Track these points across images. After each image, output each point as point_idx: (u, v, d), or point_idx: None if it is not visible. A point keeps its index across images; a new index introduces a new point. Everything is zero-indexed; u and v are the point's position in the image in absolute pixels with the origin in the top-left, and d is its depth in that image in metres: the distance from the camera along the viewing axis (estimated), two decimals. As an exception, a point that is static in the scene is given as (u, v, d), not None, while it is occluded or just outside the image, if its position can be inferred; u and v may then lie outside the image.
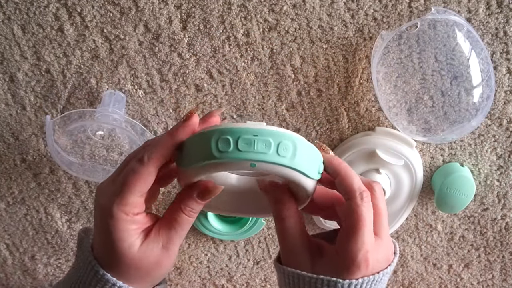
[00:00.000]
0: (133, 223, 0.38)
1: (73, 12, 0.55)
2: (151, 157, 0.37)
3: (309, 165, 0.38)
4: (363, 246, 0.38)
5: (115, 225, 0.37)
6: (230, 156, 0.35)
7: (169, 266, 0.40)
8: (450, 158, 0.63)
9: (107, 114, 0.56)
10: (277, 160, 0.35)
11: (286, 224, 0.40)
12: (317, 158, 0.39)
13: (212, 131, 0.36)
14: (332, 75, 0.59)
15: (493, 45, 0.57)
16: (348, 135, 0.62)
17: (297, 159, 0.36)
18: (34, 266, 0.72)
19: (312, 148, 0.38)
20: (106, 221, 0.37)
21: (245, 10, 0.55)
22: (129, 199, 0.37)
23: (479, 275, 0.71)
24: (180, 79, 0.59)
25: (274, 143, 0.35)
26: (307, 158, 0.37)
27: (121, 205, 0.37)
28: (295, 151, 0.36)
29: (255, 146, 0.35)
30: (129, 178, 0.37)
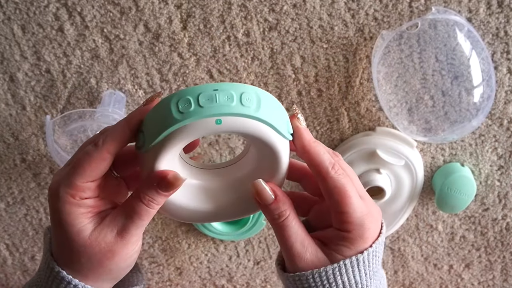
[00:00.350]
0: (81, 206, 0.36)
1: (73, 12, 0.55)
2: (106, 140, 0.35)
3: (277, 120, 0.35)
4: (361, 215, 0.37)
5: (62, 208, 0.35)
6: (193, 115, 0.33)
7: (126, 258, 0.37)
8: (450, 158, 0.63)
9: (107, 114, 0.56)
10: (242, 110, 0.33)
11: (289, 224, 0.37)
12: (284, 116, 0.36)
13: (170, 96, 0.34)
14: (333, 75, 0.59)
15: (493, 45, 0.57)
16: (348, 135, 0.62)
17: (263, 110, 0.34)
18: (34, 266, 0.72)
19: (277, 103, 0.36)
20: (54, 205, 0.36)
21: (245, 10, 0.55)
22: (77, 182, 0.35)
23: (480, 276, 0.71)
24: (180, 79, 0.59)
25: (236, 94, 0.33)
26: (274, 112, 0.35)
27: (67, 187, 0.35)
28: (260, 102, 0.34)
29: (217, 100, 0.33)
30: (79, 161, 0.35)
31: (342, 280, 0.37)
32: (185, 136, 0.34)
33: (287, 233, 0.37)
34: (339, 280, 0.37)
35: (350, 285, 0.38)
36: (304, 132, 0.37)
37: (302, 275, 0.38)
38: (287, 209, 0.37)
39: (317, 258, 0.38)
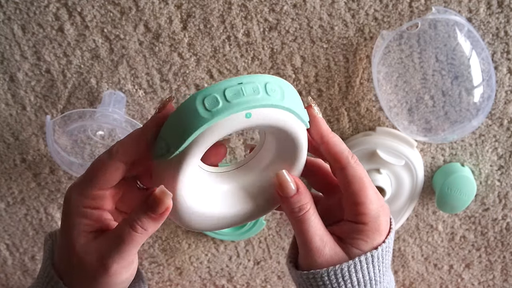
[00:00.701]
0: (85, 216, 0.34)
1: (73, 12, 0.55)
2: (119, 149, 0.34)
3: (299, 108, 0.35)
4: (377, 206, 0.36)
5: (68, 214, 0.34)
6: (222, 112, 0.31)
7: (112, 285, 0.35)
8: (451, 158, 0.63)
9: (107, 114, 0.56)
10: (270, 101, 0.32)
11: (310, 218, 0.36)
12: (302, 105, 0.36)
13: (193, 96, 0.32)
14: (333, 75, 0.59)
15: (493, 45, 0.56)
16: (348, 135, 0.62)
17: (287, 99, 0.33)
18: (34, 266, 0.72)
19: (296, 92, 0.35)
20: (64, 210, 0.35)
21: (246, 9, 0.55)
22: (88, 190, 0.34)
23: (480, 276, 0.71)
24: (180, 79, 0.59)
25: (261, 85, 0.33)
26: (296, 100, 0.35)
27: (78, 194, 0.34)
28: (283, 92, 0.33)
29: (244, 93, 0.32)
30: (93, 169, 0.34)
31: (357, 277, 0.37)
32: (215, 135, 0.32)
33: (306, 227, 0.36)
34: (354, 277, 0.37)
35: (365, 281, 0.37)
36: (322, 121, 0.37)
37: (317, 273, 0.37)
38: (308, 202, 0.37)
39: (335, 253, 0.37)
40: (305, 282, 0.38)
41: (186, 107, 0.32)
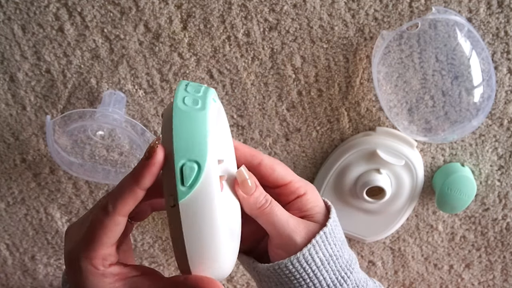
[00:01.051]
0: (106, 276, 0.33)
1: (73, 12, 0.55)
2: (115, 205, 0.32)
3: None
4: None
5: (86, 280, 0.33)
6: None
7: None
8: (451, 158, 0.63)
9: (107, 114, 0.56)
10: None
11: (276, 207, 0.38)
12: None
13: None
14: (333, 75, 0.59)
15: (494, 45, 0.56)
16: (348, 135, 0.62)
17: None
18: (34, 266, 0.72)
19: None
20: (76, 277, 0.33)
21: (246, 9, 0.55)
22: (97, 251, 0.33)
23: (480, 276, 0.71)
24: (180, 79, 0.59)
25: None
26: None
27: (88, 259, 0.33)
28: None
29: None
30: (94, 230, 0.33)
31: (319, 256, 0.39)
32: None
33: (277, 215, 0.37)
34: (317, 258, 0.38)
35: (326, 259, 0.39)
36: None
37: (281, 263, 0.38)
38: (267, 194, 0.38)
39: (308, 226, 0.39)
40: (273, 274, 0.39)
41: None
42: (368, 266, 0.71)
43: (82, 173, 0.62)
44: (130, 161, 0.63)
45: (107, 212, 0.32)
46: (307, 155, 0.63)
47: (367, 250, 0.70)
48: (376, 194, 0.62)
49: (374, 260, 0.71)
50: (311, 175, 0.64)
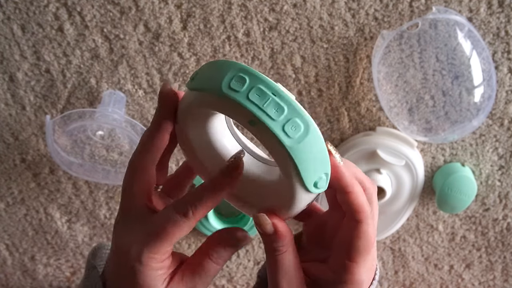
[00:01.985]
0: (160, 269, 0.35)
1: (73, 11, 0.55)
2: (195, 213, 0.34)
3: (311, 167, 0.31)
4: (370, 269, 0.36)
5: (143, 271, 0.34)
6: (235, 97, 0.30)
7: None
8: (451, 158, 0.63)
9: (107, 114, 0.56)
10: (280, 133, 0.30)
11: (282, 261, 0.35)
12: (324, 165, 0.32)
13: (231, 64, 0.31)
14: (333, 74, 0.58)
15: (494, 45, 0.56)
16: (349, 135, 0.62)
17: (302, 147, 0.30)
18: (33, 266, 0.72)
19: (323, 149, 0.32)
20: (131, 266, 0.34)
21: (246, 9, 0.55)
22: (163, 249, 0.34)
23: (480, 276, 0.71)
24: (180, 78, 0.59)
25: (287, 114, 0.30)
26: (313, 156, 0.31)
27: (152, 253, 0.34)
28: (304, 137, 0.30)
29: (266, 103, 0.30)
30: (167, 229, 0.34)
31: None
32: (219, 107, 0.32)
33: (276, 268, 0.35)
34: None
35: None
36: (345, 172, 0.34)
37: None
38: (284, 246, 0.35)
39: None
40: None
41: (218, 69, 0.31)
42: (368, 266, 0.71)
43: (81, 173, 0.62)
44: (130, 161, 0.63)
45: (188, 218, 0.34)
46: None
47: (367, 250, 0.70)
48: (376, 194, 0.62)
49: (374, 260, 0.70)
50: (311, 175, 0.64)
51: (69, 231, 0.68)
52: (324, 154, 0.32)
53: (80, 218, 0.68)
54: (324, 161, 0.32)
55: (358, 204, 0.34)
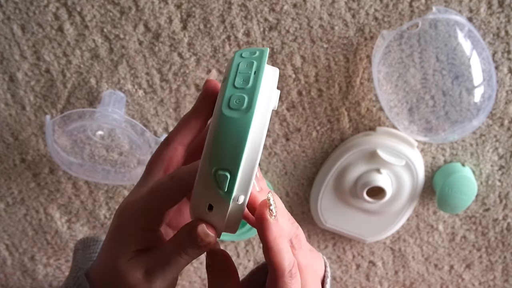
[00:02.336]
0: (138, 236, 0.34)
1: (73, 11, 0.55)
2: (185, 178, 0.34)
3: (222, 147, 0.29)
4: None
5: (125, 227, 0.34)
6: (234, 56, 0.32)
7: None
8: (451, 158, 0.63)
9: (107, 114, 0.56)
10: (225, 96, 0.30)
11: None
12: (233, 162, 0.30)
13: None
14: (333, 74, 0.58)
15: (494, 45, 0.56)
16: (349, 135, 0.62)
17: (229, 122, 0.29)
18: (33, 266, 0.72)
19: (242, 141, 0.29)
20: (119, 223, 0.35)
21: (246, 9, 0.55)
22: (151, 214, 0.34)
23: (481, 276, 0.71)
24: (180, 78, 0.59)
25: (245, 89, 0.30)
26: (233, 138, 0.29)
27: (141, 215, 0.34)
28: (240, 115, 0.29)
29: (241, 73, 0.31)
30: (158, 193, 0.34)
31: None
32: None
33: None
34: None
35: None
36: (272, 227, 0.33)
37: None
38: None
39: None
40: None
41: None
42: (368, 267, 0.71)
43: (81, 173, 0.62)
44: (130, 161, 0.63)
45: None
46: (307, 155, 0.63)
47: (367, 250, 0.70)
48: (376, 194, 0.62)
49: (374, 260, 0.70)
50: (311, 175, 0.64)
51: (69, 231, 0.68)
52: (240, 148, 0.29)
53: (80, 218, 0.68)
54: (235, 156, 0.30)
55: (274, 262, 0.33)
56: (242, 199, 0.31)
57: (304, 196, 0.66)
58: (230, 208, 0.31)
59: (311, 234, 0.69)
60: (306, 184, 0.65)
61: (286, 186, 0.65)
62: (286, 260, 0.33)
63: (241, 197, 0.31)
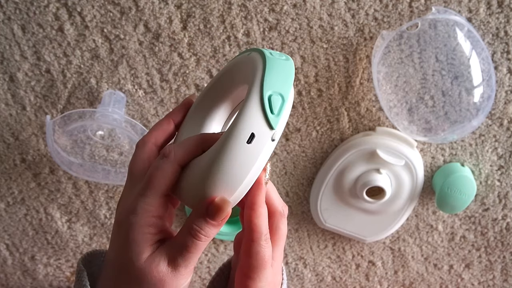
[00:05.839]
0: (153, 225, 0.35)
1: (73, 12, 0.55)
2: (177, 153, 0.35)
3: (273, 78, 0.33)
4: (270, 284, 0.37)
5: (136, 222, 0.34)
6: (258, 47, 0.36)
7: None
8: (451, 158, 0.63)
9: (107, 114, 0.56)
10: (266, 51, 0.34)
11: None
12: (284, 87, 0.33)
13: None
14: (333, 75, 0.58)
15: (493, 45, 0.56)
16: (348, 135, 0.62)
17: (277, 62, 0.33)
18: (34, 266, 0.72)
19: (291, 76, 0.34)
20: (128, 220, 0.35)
21: (246, 9, 0.55)
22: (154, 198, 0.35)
23: (480, 276, 0.71)
24: (180, 79, 0.59)
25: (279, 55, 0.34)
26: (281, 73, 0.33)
27: (146, 204, 0.34)
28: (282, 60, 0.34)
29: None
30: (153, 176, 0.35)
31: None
32: None
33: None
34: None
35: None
36: (261, 190, 0.36)
37: None
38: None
39: None
40: None
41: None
42: (368, 266, 0.71)
43: (82, 173, 0.62)
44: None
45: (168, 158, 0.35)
46: (307, 155, 0.63)
47: (367, 250, 0.70)
48: (376, 194, 0.62)
49: (374, 260, 0.71)
50: (311, 175, 0.64)
51: (69, 231, 0.69)
52: (289, 80, 0.34)
53: (80, 218, 0.68)
54: (286, 83, 0.34)
55: (254, 224, 0.36)
56: (277, 137, 0.33)
57: (304, 196, 0.66)
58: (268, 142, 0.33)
59: (311, 233, 0.69)
60: (306, 184, 0.65)
61: (286, 186, 0.65)
62: (264, 225, 0.36)
63: (277, 135, 0.33)
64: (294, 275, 0.72)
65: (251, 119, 0.32)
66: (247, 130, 0.32)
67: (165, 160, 0.35)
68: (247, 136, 0.32)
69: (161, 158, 0.35)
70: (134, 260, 0.34)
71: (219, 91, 0.39)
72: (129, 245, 0.35)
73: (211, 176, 0.33)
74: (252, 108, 0.32)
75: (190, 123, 0.39)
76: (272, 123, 0.32)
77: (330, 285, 0.73)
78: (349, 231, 0.66)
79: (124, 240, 0.35)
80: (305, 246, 0.70)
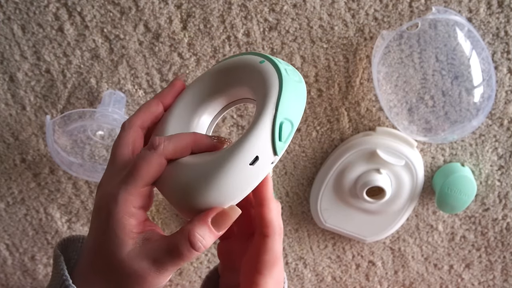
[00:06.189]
0: (134, 216, 0.33)
1: (73, 12, 0.55)
2: (166, 146, 0.34)
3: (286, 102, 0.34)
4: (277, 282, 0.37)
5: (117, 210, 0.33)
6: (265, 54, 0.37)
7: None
8: (451, 158, 0.63)
9: (107, 114, 0.56)
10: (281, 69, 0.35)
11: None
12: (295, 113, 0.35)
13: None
14: (333, 75, 0.58)
15: (494, 45, 0.56)
16: (348, 135, 0.62)
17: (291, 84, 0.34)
18: (34, 266, 0.72)
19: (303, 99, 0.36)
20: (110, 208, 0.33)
21: (246, 9, 0.55)
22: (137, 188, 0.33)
23: (480, 276, 0.71)
24: (180, 79, 0.59)
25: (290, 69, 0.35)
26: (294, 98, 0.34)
27: (128, 193, 0.33)
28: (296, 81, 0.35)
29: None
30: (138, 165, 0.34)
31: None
32: None
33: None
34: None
35: None
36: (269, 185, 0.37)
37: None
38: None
39: None
40: None
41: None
42: (368, 266, 0.71)
43: (82, 173, 0.62)
44: (130, 161, 0.63)
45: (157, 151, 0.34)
46: (307, 155, 0.63)
47: (367, 250, 0.70)
48: (376, 194, 0.62)
49: (374, 260, 0.71)
50: (311, 175, 0.64)
51: (69, 231, 0.68)
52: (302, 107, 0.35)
53: (80, 218, 0.68)
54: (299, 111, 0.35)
55: (269, 219, 0.36)
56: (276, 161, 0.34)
57: (304, 196, 0.66)
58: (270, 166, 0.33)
59: (311, 234, 0.69)
60: (306, 184, 0.65)
61: (286, 186, 0.65)
62: (278, 220, 0.37)
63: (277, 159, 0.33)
64: (294, 275, 0.72)
65: (259, 143, 0.32)
66: (253, 153, 0.32)
67: (153, 152, 0.34)
68: (251, 158, 0.32)
69: (149, 149, 0.34)
70: (115, 251, 0.33)
71: (219, 84, 0.38)
72: (109, 235, 0.33)
73: (208, 188, 0.32)
74: (262, 133, 0.32)
75: (180, 109, 0.38)
76: (278, 150, 0.33)
77: (330, 285, 0.73)
78: (349, 231, 0.66)
79: (104, 229, 0.34)
80: (305, 246, 0.70)
